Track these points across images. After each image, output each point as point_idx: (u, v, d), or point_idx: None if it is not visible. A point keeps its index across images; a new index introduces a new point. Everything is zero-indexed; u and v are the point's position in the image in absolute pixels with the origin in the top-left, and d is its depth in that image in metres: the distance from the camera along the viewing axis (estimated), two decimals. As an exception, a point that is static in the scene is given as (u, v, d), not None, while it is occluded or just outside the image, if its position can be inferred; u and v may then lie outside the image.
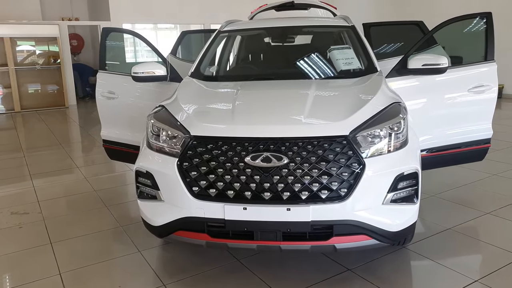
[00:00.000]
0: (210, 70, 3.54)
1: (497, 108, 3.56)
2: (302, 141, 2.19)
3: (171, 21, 12.20)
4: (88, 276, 2.67)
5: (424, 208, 3.56)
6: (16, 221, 3.57)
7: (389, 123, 2.33)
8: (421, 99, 3.44)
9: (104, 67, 3.98)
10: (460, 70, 3.47)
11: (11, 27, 9.98)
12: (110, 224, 3.44)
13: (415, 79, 3.36)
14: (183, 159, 2.28)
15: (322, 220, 2.16)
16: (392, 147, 2.30)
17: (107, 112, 3.99)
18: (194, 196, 2.24)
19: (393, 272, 2.59)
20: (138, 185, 2.53)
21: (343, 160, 2.16)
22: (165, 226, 2.39)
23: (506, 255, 2.74)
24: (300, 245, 2.23)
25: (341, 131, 2.21)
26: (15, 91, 10.14)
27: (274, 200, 2.16)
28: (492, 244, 2.89)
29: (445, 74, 3.23)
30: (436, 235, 3.05)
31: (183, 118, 2.45)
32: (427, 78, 3.31)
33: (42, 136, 7.27)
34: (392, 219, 2.26)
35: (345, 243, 2.24)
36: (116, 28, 6.43)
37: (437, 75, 3.17)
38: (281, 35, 3.87)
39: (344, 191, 2.15)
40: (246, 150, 2.20)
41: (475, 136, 3.55)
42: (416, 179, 2.30)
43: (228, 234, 2.27)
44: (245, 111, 2.48)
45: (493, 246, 2.86)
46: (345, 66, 3.25)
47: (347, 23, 3.70)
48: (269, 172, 2.16)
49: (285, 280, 2.53)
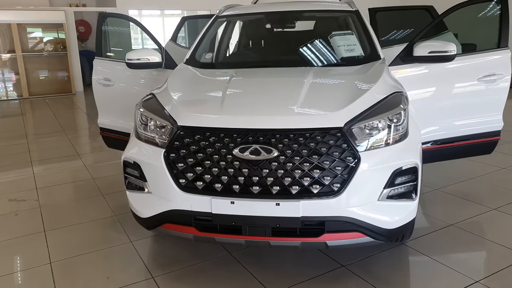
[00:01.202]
0: (205, 56, 3.43)
1: (509, 98, 3.39)
2: (293, 133, 2.08)
3: (177, 7, 12.04)
4: (78, 267, 2.63)
5: (427, 202, 3.44)
6: (13, 208, 3.55)
7: (388, 114, 2.20)
8: (428, 88, 3.29)
9: (101, 53, 3.90)
10: (471, 58, 3.30)
11: (17, 13, 9.95)
12: (104, 213, 3.40)
13: (423, 67, 3.20)
14: (170, 150, 2.20)
15: (313, 216, 2.06)
16: (390, 140, 2.18)
17: (104, 100, 3.92)
18: (181, 188, 2.16)
19: (389, 269, 2.49)
20: (126, 175, 2.46)
21: (337, 154, 2.05)
22: (152, 218, 2.32)
23: (510, 254, 2.62)
24: (290, 241, 2.14)
25: (335, 123, 2.09)
26: (23, 78, 10.17)
27: (263, 194, 2.07)
28: (496, 242, 2.76)
29: (455, 62, 3.08)
30: (437, 232, 2.93)
31: (170, 107, 2.36)
32: (435, 66, 3.15)
33: (47, 123, 7.27)
34: (388, 216, 2.14)
35: (338, 240, 2.14)
36: (113, 13, 6.34)
37: (445, 63, 3.01)
38: (280, 20, 3.72)
39: (337, 186, 2.04)
40: (234, 141, 2.10)
41: (484, 128, 3.40)
42: (415, 174, 2.17)
43: (216, 228, 2.19)
44: (234, 100, 2.37)
45: (497, 245, 2.74)
46: (347, 53, 3.10)
47: (351, 7, 3.53)
48: (258, 165, 2.06)
49: (275, 275, 2.45)
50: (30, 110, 8.74)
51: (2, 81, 10.22)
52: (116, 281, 2.45)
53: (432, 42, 2.97)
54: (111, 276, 2.51)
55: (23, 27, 10.14)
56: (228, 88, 2.50)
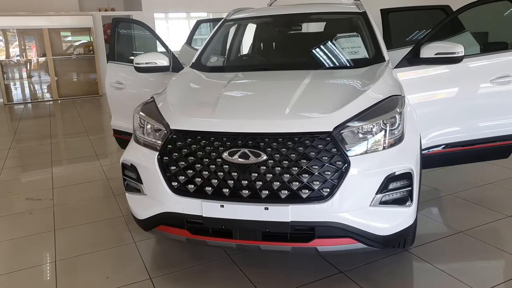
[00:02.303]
0: (211, 60, 3.45)
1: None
2: (282, 137, 2.06)
3: (203, 10, 12.19)
4: (81, 265, 2.70)
5: (438, 208, 3.33)
6: (29, 206, 3.70)
7: (382, 118, 2.14)
8: (438, 91, 3.18)
9: (114, 57, 4.01)
10: (483, 59, 3.17)
11: (48, 18, 10.37)
12: (113, 213, 3.48)
13: (432, 69, 3.10)
14: (163, 153, 2.23)
15: (303, 221, 2.03)
16: (384, 144, 2.12)
17: (116, 102, 4.02)
18: (173, 191, 2.19)
19: (388, 277, 2.42)
20: (124, 177, 2.51)
21: (326, 158, 2.01)
22: (148, 220, 2.36)
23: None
24: (280, 246, 2.12)
25: (324, 127, 2.05)
26: (53, 80, 10.59)
27: (252, 198, 2.06)
28: (506, 251, 2.64)
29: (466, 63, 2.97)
30: (445, 238, 2.82)
31: (165, 110, 2.39)
32: (445, 67, 3.04)
33: (72, 124, 7.53)
34: (382, 223, 2.08)
35: (329, 246, 2.10)
36: (125, 18, 6.50)
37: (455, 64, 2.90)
38: (287, 24, 3.69)
39: (326, 191, 2.01)
40: (224, 145, 2.11)
41: (500, 131, 3.25)
42: (410, 179, 2.10)
43: (208, 231, 2.20)
44: (227, 104, 2.37)
45: (507, 253, 2.61)
46: (350, 55, 3.05)
47: (359, 9, 3.46)
48: (247, 169, 2.06)
49: (271, 279, 2.44)
50: (58, 112, 9.09)
51: (34, 84, 10.69)
52: (115, 281, 2.50)
53: (439, 44, 2.86)
54: (111, 276, 2.57)
55: (54, 32, 10.56)
56: (224, 92, 2.51)
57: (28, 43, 10.54)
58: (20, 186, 4.26)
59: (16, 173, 4.73)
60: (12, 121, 8.19)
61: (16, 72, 10.53)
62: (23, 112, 9.22)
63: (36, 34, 10.42)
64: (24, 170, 4.86)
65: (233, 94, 2.52)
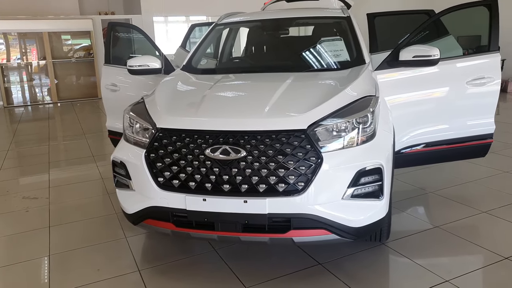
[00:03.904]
0: (201, 63, 3.60)
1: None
2: (260, 134, 2.20)
3: (202, 13, 12.36)
4: (73, 259, 2.84)
5: (417, 204, 3.46)
6: (25, 205, 3.84)
7: (354, 116, 2.28)
8: (416, 92, 3.31)
9: (109, 60, 4.15)
10: (459, 61, 3.31)
11: (48, 22, 10.54)
12: (107, 211, 3.62)
13: (410, 71, 3.24)
14: (150, 150, 2.37)
15: (279, 213, 2.17)
16: (356, 141, 2.26)
17: (111, 104, 4.16)
18: (159, 186, 2.32)
19: (364, 269, 2.55)
20: (114, 174, 2.65)
21: (301, 154, 2.15)
22: (136, 214, 2.49)
23: (488, 256, 2.63)
24: (258, 237, 2.25)
25: (298, 125, 2.20)
26: (53, 83, 10.75)
27: (232, 192, 2.20)
28: (477, 244, 2.77)
29: (443, 65, 3.12)
30: (421, 233, 2.96)
31: (153, 110, 2.53)
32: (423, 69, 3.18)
33: (70, 126, 7.68)
34: (353, 215, 2.22)
35: (304, 237, 2.23)
36: (120, 22, 6.64)
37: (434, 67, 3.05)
38: (273, 28, 3.85)
39: (301, 185, 2.15)
40: (206, 142, 2.25)
41: (476, 130, 3.39)
42: (380, 175, 2.24)
43: (191, 224, 2.34)
44: (210, 104, 2.51)
45: (477, 247, 2.74)
46: (333, 58, 3.19)
47: (343, 14, 3.61)
48: (228, 165, 2.20)
49: (253, 271, 2.57)
50: (57, 114, 9.24)
51: (33, 86, 10.86)
52: (106, 273, 2.64)
53: (416, 47, 3.01)
54: (102, 268, 2.70)
55: (53, 35, 10.73)
56: (209, 93, 2.65)
57: (28, 46, 10.71)
58: (17, 186, 4.40)
59: (14, 174, 4.88)
60: (12, 124, 8.33)
61: (16, 75, 10.69)
62: (23, 114, 9.37)
63: (36, 37, 10.59)
64: (21, 171, 5.00)
65: (217, 95, 2.66)
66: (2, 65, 10.36)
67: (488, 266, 2.53)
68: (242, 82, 2.99)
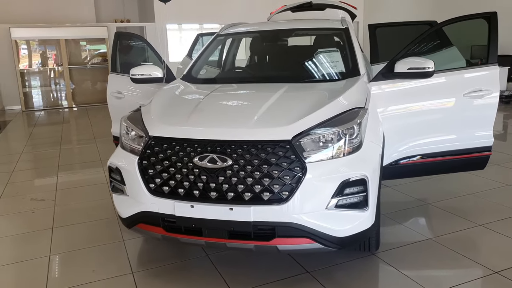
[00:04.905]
0: (200, 73, 3.69)
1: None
2: (246, 144, 2.26)
3: (214, 21, 12.55)
4: (72, 259, 2.94)
5: (413, 216, 3.46)
6: (32, 206, 3.98)
7: (340, 128, 2.33)
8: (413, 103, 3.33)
9: (115, 69, 4.29)
10: (457, 73, 3.32)
11: (65, 29, 10.87)
12: (109, 214, 3.73)
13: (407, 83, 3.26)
14: (142, 157, 2.46)
15: (264, 221, 2.22)
16: (342, 152, 2.30)
17: (116, 111, 4.28)
18: (150, 192, 2.41)
19: (351, 279, 2.57)
20: (110, 179, 2.75)
21: (285, 164, 2.21)
22: (129, 218, 2.58)
23: (478, 269, 2.62)
24: (244, 243, 2.31)
25: (283, 136, 2.25)
26: (69, 88, 11.06)
27: (219, 199, 2.27)
28: (468, 257, 2.76)
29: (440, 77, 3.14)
30: (413, 244, 2.96)
31: (147, 118, 2.63)
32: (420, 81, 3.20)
33: (82, 131, 7.89)
34: (337, 225, 2.26)
35: (288, 245, 2.28)
36: (126, 32, 6.82)
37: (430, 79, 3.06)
38: (271, 39, 3.92)
39: (285, 194, 2.20)
40: (195, 151, 2.32)
41: (474, 143, 3.38)
42: (364, 185, 2.27)
43: (180, 229, 2.41)
44: (201, 113, 2.59)
45: (469, 260, 2.73)
46: (328, 69, 3.24)
47: (341, 25, 3.66)
48: (215, 173, 2.27)
49: (242, 277, 2.62)
50: (71, 119, 9.50)
51: (50, 91, 11.19)
52: (100, 274, 2.73)
53: (411, 59, 3.03)
54: (97, 269, 2.80)
55: (70, 42, 11.05)
56: (201, 103, 2.73)
57: (46, 52, 11.06)
58: (27, 188, 4.56)
59: (25, 176, 5.05)
60: (28, 127, 8.61)
61: (35, 80, 11.04)
62: (39, 118, 9.66)
63: (54, 44, 10.93)
64: (32, 173, 5.18)
65: (209, 104, 2.74)
66: (22, 70, 10.71)
67: (477, 279, 2.52)
68: (235, 92, 3.07)
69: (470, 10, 10.65)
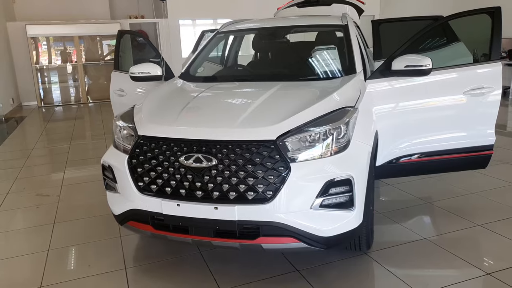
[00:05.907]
0: (198, 71, 3.70)
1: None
2: (231, 144, 2.27)
3: (227, 16, 12.55)
4: (69, 254, 3.03)
5: (411, 215, 3.41)
6: (37, 201, 4.09)
7: (327, 127, 2.31)
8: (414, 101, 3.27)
9: (118, 67, 4.35)
10: (458, 71, 3.24)
11: (79, 26, 11.07)
12: (108, 210, 3.76)
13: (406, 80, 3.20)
14: (132, 156, 2.49)
15: (248, 220, 2.23)
16: (327, 152, 2.29)
17: (118, 108, 4.34)
18: (139, 190, 2.45)
19: (340, 277, 2.57)
20: (104, 177, 2.80)
21: (269, 164, 2.21)
22: (121, 216, 2.63)
23: (470, 270, 2.57)
24: (229, 242, 2.33)
25: (268, 136, 2.25)
26: (83, 85, 11.27)
27: (204, 198, 2.28)
28: (461, 257, 2.72)
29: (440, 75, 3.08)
30: (407, 244, 2.93)
31: (137, 118, 2.66)
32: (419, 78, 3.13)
33: (93, 127, 8.05)
34: (322, 224, 2.25)
35: (273, 244, 2.28)
36: (130, 31, 6.87)
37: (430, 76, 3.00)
38: (270, 36, 3.90)
39: (269, 193, 2.20)
40: (181, 150, 2.34)
41: (475, 141, 3.31)
42: (350, 186, 2.25)
43: (168, 227, 2.44)
44: (189, 113, 2.61)
45: (461, 260, 2.69)
46: (323, 67, 3.21)
47: (341, 22, 3.61)
48: (200, 172, 2.29)
49: (231, 274, 2.65)
50: (84, 115, 9.68)
51: (65, 88, 11.42)
52: (94, 269, 2.80)
53: (408, 56, 2.98)
54: (92, 264, 2.87)
55: (84, 39, 11.24)
56: (191, 102, 2.75)
57: (60, 49, 11.28)
58: (34, 183, 4.69)
59: (33, 171, 5.19)
60: (43, 123, 8.81)
61: (50, 77, 11.29)
62: (53, 114, 9.88)
63: (68, 41, 11.14)
64: (40, 169, 5.31)
65: (198, 104, 2.75)
66: (37, 67, 10.95)
67: (467, 281, 2.48)
68: (227, 92, 3.07)
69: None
